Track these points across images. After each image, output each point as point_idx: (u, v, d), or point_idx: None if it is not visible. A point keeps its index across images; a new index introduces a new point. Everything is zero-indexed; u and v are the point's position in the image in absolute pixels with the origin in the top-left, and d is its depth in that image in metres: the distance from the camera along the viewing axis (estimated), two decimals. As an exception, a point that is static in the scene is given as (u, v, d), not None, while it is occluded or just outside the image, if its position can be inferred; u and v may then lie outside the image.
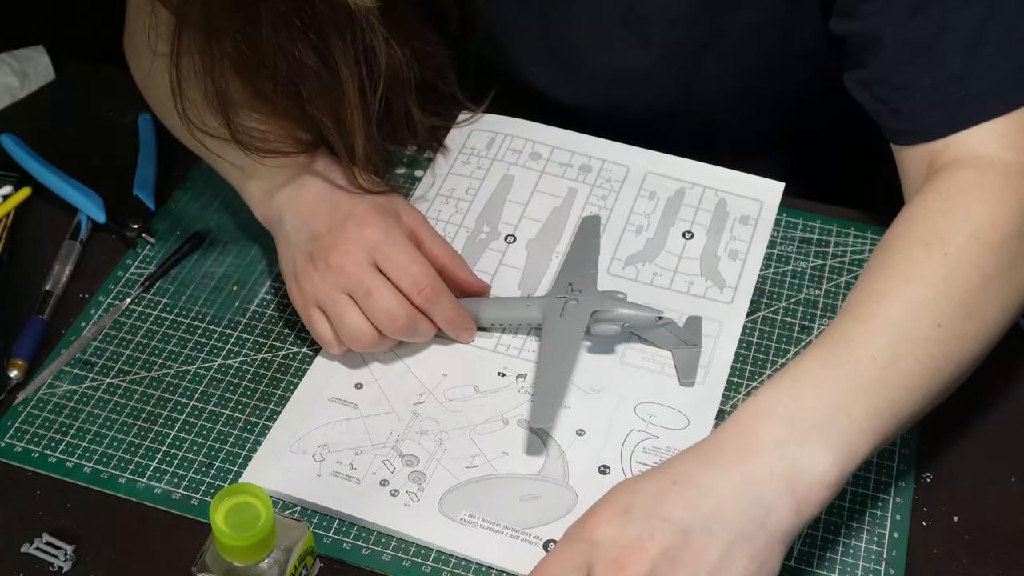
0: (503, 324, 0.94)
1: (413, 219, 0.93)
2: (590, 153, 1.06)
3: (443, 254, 0.93)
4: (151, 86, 1.02)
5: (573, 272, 0.95)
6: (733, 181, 1.04)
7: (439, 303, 0.90)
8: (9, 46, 1.16)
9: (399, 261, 0.89)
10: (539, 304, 0.92)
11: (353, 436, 0.88)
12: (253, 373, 0.92)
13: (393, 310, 0.88)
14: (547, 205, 1.03)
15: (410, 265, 0.89)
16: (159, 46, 0.88)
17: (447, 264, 0.93)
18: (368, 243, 0.89)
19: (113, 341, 0.95)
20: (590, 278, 0.94)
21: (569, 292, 0.92)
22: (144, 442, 0.88)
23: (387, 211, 0.92)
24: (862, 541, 0.83)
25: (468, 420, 0.89)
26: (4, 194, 1.05)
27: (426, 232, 0.93)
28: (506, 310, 0.93)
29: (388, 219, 0.91)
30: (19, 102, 1.14)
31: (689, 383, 0.90)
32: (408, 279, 0.89)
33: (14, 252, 1.02)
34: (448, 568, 0.82)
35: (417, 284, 0.89)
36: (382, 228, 0.90)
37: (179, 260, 1.00)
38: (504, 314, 0.93)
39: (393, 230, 0.90)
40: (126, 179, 1.05)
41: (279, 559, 0.76)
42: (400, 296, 0.89)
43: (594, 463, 0.87)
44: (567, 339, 0.90)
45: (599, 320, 0.91)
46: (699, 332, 0.92)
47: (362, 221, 0.90)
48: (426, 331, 0.90)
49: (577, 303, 0.91)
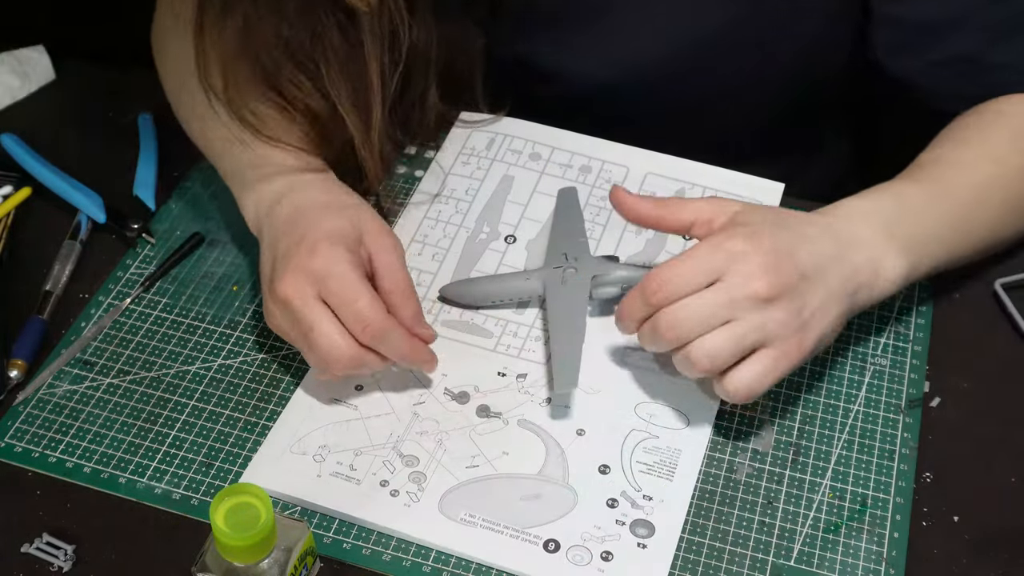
0: (503, 299, 0.94)
1: (378, 246, 0.89)
2: (590, 154, 1.06)
3: (395, 291, 0.87)
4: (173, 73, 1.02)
5: (564, 242, 0.96)
6: (733, 181, 1.04)
7: (386, 340, 0.85)
8: (9, 46, 1.16)
9: (343, 297, 0.84)
10: (538, 276, 0.93)
11: (353, 437, 0.88)
12: (253, 373, 0.92)
13: (334, 350, 0.84)
14: (547, 205, 1.03)
15: (354, 302, 0.84)
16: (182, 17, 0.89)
17: (394, 304, 0.87)
18: (313, 274, 0.85)
19: (113, 341, 0.95)
20: (582, 245, 0.95)
21: (565, 261, 0.93)
22: (144, 442, 0.88)
23: (343, 237, 0.87)
24: (862, 541, 0.83)
25: (468, 420, 0.89)
26: (4, 194, 1.05)
27: (386, 262, 0.88)
28: (505, 284, 0.94)
29: (338, 248, 0.86)
30: (19, 102, 1.14)
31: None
32: (351, 316, 0.84)
33: (14, 252, 1.02)
34: (448, 568, 0.82)
35: (360, 321, 0.84)
36: (330, 258, 0.85)
37: (179, 260, 1.00)
38: (504, 288, 0.94)
39: (340, 261, 0.85)
40: (126, 179, 1.05)
41: (279, 559, 0.76)
42: (343, 332, 0.84)
43: (594, 463, 0.87)
44: (574, 306, 0.91)
45: (599, 284, 0.92)
46: None
47: (312, 249, 0.85)
48: (376, 365, 0.86)
49: (576, 271, 0.92)
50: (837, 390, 0.91)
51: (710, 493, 0.86)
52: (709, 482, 0.86)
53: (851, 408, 0.90)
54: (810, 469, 0.87)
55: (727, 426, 0.89)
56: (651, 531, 0.83)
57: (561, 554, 0.82)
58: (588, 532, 0.83)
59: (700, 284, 0.81)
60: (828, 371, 0.92)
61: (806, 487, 0.86)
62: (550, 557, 0.82)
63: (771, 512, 0.85)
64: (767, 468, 0.87)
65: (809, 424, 0.89)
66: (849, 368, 0.93)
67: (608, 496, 0.85)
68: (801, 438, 0.89)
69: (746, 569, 0.82)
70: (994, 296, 0.97)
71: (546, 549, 0.82)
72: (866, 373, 0.92)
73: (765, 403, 0.90)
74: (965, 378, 0.92)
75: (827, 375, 0.92)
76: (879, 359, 0.93)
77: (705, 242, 0.83)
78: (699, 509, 0.85)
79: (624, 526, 0.83)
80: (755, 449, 0.88)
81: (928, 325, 0.95)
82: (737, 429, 0.89)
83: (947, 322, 0.96)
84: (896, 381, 0.92)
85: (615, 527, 0.83)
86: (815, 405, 0.90)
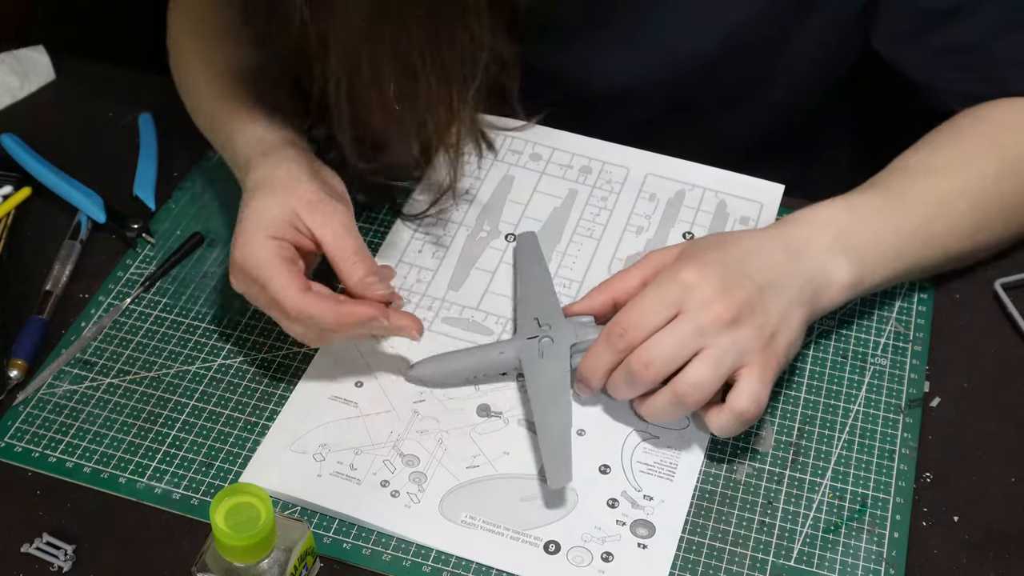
0: (477, 375, 0.90)
1: (315, 219, 0.88)
2: (590, 155, 1.06)
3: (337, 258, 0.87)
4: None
5: (532, 304, 0.92)
6: (733, 183, 1.04)
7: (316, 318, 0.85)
8: (9, 46, 1.16)
9: (260, 282, 0.86)
10: (513, 348, 0.90)
11: (353, 435, 0.88)
12: (253, 373, 0.92)
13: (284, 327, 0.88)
14: (547, 205, 1.03)
15: (267, 286, 0.86)
16: None
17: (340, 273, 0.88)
18: (237, 265, 0.87)
19: (113, 341, 0.95)
20: (553, 306, 0.91)
21: (539, 328, 0.90)
22: (144, 442, 0.88)
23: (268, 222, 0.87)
24: (862, 541, 0.83)
25: (468, 420, 0.89)
26: (4, 194, 1.05)
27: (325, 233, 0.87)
28: (479, 359, 0.90)
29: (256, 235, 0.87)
30: (19, 102, 1.14)
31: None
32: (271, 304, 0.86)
33: (14, 252, 1.01)
34: (448, 568, 0.82)
35: (280, 307, 0.86)
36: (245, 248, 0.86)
37: (179, 260, 1.00)
38: (478, 364, 0.90)
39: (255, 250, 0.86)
40: (126, 179, 1.05)
41: (279, 559, 0.76)
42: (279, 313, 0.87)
43: (594, 463, 0.87)
44: (555, 382, 0.87)
45: (578, 351, 0.88)
46: None
47: (236, 238, 0.88)
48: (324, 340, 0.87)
49: (552, 340, 0.89)
50: (837, 390, 0.91)
51: (710, 493, 0.86)
52: (709, 482, 0.86)
53: (851, 408, 0.90)
54: (810, 469, 0.87)
55: (727, 426, 0.89)
56: (651, 531, 0.83)
57: (561, 555, 0.82)
58: (588, 532, 0.83)
59: (662, 320, 0.83)
60: (828, 371, 0.92)
61: (806, 487, 0.86)
62: (551, 559, 0.82)
63: (771, 512, 0.85)
64: (767, 468, 0.87)
65: (809, 424, 0.89)
66: (849, 368, 0.93)
67: (608, 496, 0.85)
68: (801, 438, 0.89)
69: (746, 569, 0.82)
70: (994, 296, 0.97)
71: (546, 551, 0.82)
72: (866, 373, 0.92)
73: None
74: (965, 378, 0.92)
75: (827, 375, 0.92)
76: (879, 359, 0.93)
77: (655, 280, 0.85)
78: (699, 509, 0.85)
79: (624, 526, 0.83)
80: (755, 449, 0.88)
81: (928, 325, 0.95)
82: (737, 429, 0.89)
83: (947, 322, 0.96)
84: (896, 381, 0.92)
85: (615, 527, 0.83)
86: (815, 405, 0.91)
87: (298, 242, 0.88)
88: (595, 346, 0.85)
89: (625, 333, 0.83)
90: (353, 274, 0.87)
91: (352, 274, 0.87)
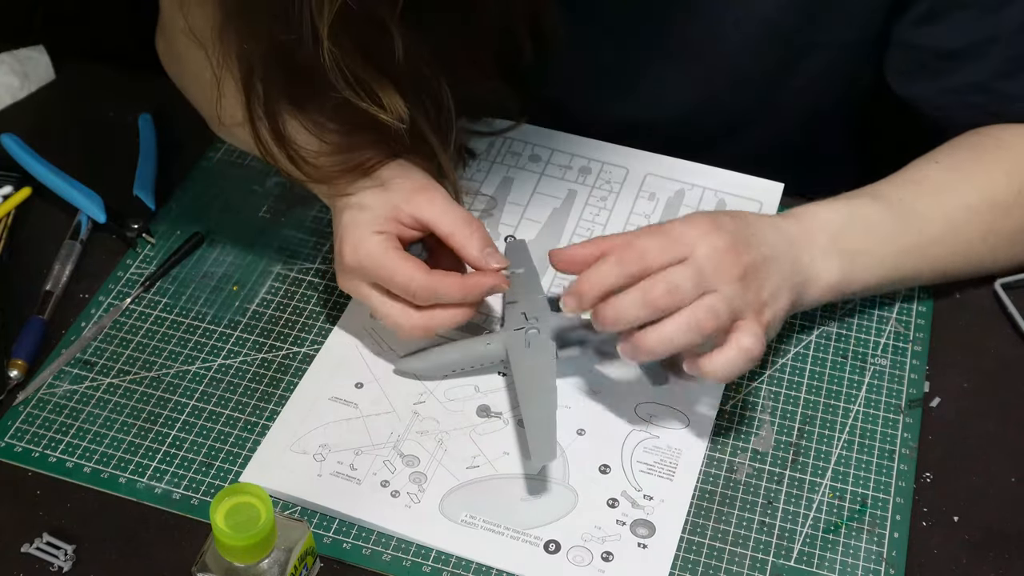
0: (464, 367, 0.91)
1: (417, 204, 0.89)
2: (589, 155, 1.07)
3: (452, 233, 0.88)
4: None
5: (520, 300, 0.92)
6: (732, 182, 1.04)
7: (442, 294, 0.86)
8: (9, 46, 1.16)
9: (380, 277, 0.87)
10: (499, 340, 0.90)
11: (353, 436, 0.88)
12: (253, 373, 0.92)
13: (400, 324, 0.87)
14: (547, 206, 1.03)
15: (390, 278, 0.86)
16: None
17: (457, 246, 0.88)
18: (351, 269, 0.88)
19: (113, 341, 0.95)
20: (541, 303, 0.91)
21: (525, 322, 0.90)
22: (144, 442, 0.88)
23: (370, 219, 0.88)
24: (862, 541, 0.83)
25: (468, 420, 0.89)
26: (4, 194, 1.05)
27: (431, 213, 0.88)
28: (466, 351, 0.90)
29: (363, 232, 0.88)
30: (19, 102, 1.14)
31: (662, 383, 0.90)
32: (399, 291, 0.87)
33: (14, 252, 1.01)
34: (448, 568, 0.82)
35: (408, 292, 0.86)
36: (358, 247, 0.87)
37: (179, 260, 1.00)
38: (464, 356, 0.90)
39: (366, 246, 0.87)
40: (126, 179, 1.05)
41: (279, 559, 0.76)
42: (402, 308, 0.87)
43: (594, 463, 0.87)
44: (541, 370, 0.87)
45: (564, 344, 0.89)
46: None
47: (343, 243, 0.88)
48: (450, 319, 0.87)
49: (538, 331, 0.89)
50: (837, 390, 0.91)
51: (710, 493, 0.86)
52: (709, 482, 0.86)
53: (851, 408, 0.90)
54: (810, 469, 0.87)
55: (727, 426, 0.89)
56: (652, 531, 0.83)
57: (562, 555, 0.82)
58: (589, 532, 0.83)
59: (677, 257, 0.83)
60: (828, 371, 0.93)
61: (806, 487, 0.86)
62: (551, 558, 0.82)
63: (771, 512, 0.85)
64: (767, 468, 0.87)
65: (809, 424, 0.89)
66: (849, 368, 0.93)
67: (608, 496, 0.85)
68: (801, 438, 0.89)
69: (746, 569, 0.82)
70: (994, 296, 0.97)
71: (547, 550, 0.82)
72: (866, 373, 0.92)
73: (765, 403, 0.90)
74: (965, 378, 0.92)
75: (827, 375, 0.92)
76: (879, 359, 0.93)
77: (675, 221, 0.85)
78: (699, 509, 0.85)
79: (625, 526, 0.83)
80: (755, 449, 0.88)
81: (928, 325, 0.95)
82: (737, 429, 0.89)
83: (947, 322, 0.96)
84: (896, 381, 0.92)
85: (615, 527, 0.83)
86: (815, 405, 0.91)
87: (401, 234, 0.89)
88: (601, 264, 0.83)
89: (643, 258, 0.82)
90: (471, 245, 0.88)
91: (470, 245, 0.88)
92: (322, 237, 1.02)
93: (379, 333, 0.94)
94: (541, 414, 0.85)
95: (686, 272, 0.82)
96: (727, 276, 0.82)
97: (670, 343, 0.82)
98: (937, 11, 0.95)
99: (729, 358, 0.82)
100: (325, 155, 0.89)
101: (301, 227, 1.03)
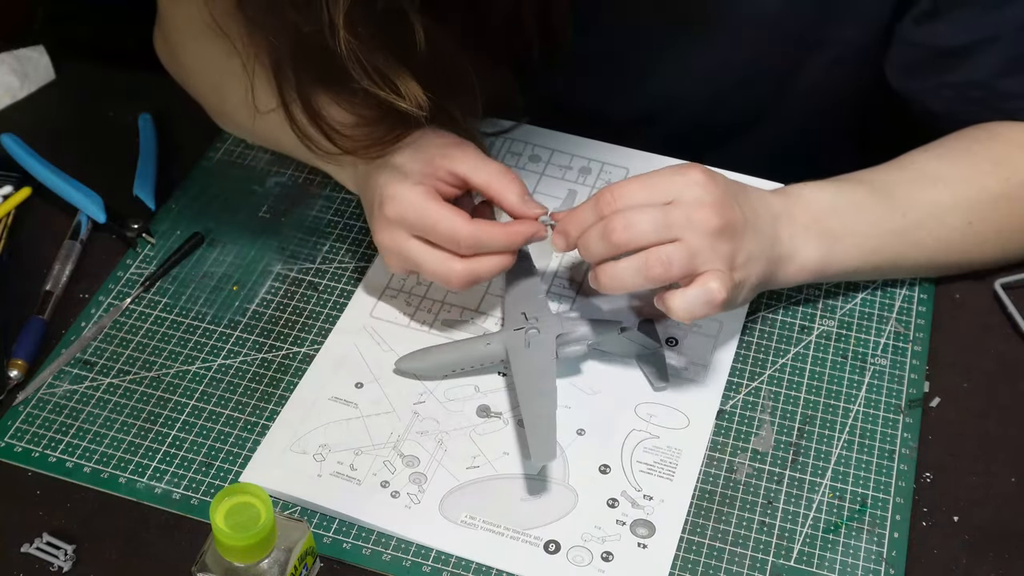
0: (463, 367, 0.91)
1: (452, 157, 0.89)
2: (589, 155, 1.06)
3: (489, 182, 0.89)
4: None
5: (520, 300, 0.92)
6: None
7: (483, 242, 0.87)
8: (9, 46, 1.16)
9: (424, 226, 0.87)
10: (499, 340, 0.90)
11: (353, 436, 0.88)
12: (253, 373, 0.92)
13: (443, 273, 0.88)
14: (547, 206, 1.02)
15: (435, 227, 0.87)
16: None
17: (494, 194, 0.89)
18: (392, 219, 0.88)
19: (113, 341, 0.95)
20: (541, 303, 0.92)
21: (525, 321, 0.90)
22: (144, 442, 0.88)
23: (408, 173, 0.89)
24: (862, 541, 0.83)
25: (468, 420, 0.89)
26: (4, 194, 1.05)
27: (467, 165, 0.89)
28: (465, 351, 0.90)
29: (403, 185, 0.88)
30: (19, 102, 1.14)
31: (663, 387, 0.90)
32: (441, 239, 0.87)
33: (14, 252, 1.01)
34: (448, 568, 0.82)
35: (450, 240, 0.87)
36: (398, 199, 0.88)
37: (179, 260, 1.00)
38: (464, 356, 0.90)
39: (407, 196, 0.88)
40: (126, 179, 1.05)
41: (279, 559, 0.76)
42: (445, 256, 0.88)
43: (594, 463, 0.87)
44: (541, 369, 0.87)
45: (564, 343, 0.89)
46: (656, 334, 0.92)
47: (383, 198, 0.89)
48: (495, 266, 0.88)
49: (538, 331, 0.89)
50: (837, 390, 0.91)
51: (710, 493, 0.86)
52: (709, 482, 0.86)
53: (851, 408, 0.90)
54: (810, 469, 0.87)
55: (727, 426, 0.89)
56: (651, 531, 0.83)
57: (562, 555, 0.82)
58: (588, 532, 0.83)
59: (656, 201, 0.84)
60: (828, 371, 0.93)
61: (806, 487, 0.86)
62: (551, 558, 0.82)
63: (771, 512, 0.85)
64: (767, 468, 0.87)
65: (809, 424, 0.89)
66: (849, 368, 0.93)
67: (608, 496, 0.85)
68: (801, 438, 0.89)
69: (746, 569, 0.82)
70: (994, 296, 0.97)
71: (546, 550, 0.82)
72: (866, 373, 0.92)
73: (765, 403, 0.90)
74: (965, 378, 0.92)
75: (827, 375, 0.92)
76: (879, 359, 0.93)
77: (665, 168, 0.86)
78: (699, 509, 0.85)
79: (624, 526, 0.83)
80: (755, 449, 0.88)
81: (928, 325, 0.95)
82: (737, 429, 0.89)
83: (947, 322, 0.96)
84: (896, 381, 0.92)
85: (615, 527, 0.83)
86: (815, 405, 0.91)
87: (439, 189, 0.89)
88: (583, 205, 0.86)
89: (614, 201, 0.84)
90: (510, 193, 0.89)
91: (509, 193, 0.89)
92: (322, 237, 1.02)
93: (379, 333, 0.94)
94: (541, 414, 0.85)
95: (649, 215, 0.83)
96: (701, 228, 0.83)
97: (620, 282, 0.84)
98: (939, 8, 0.95)
99: (689, 296, 0.83)
100: (359, 126, 0.90)
101: (301, 227, 1.03)
